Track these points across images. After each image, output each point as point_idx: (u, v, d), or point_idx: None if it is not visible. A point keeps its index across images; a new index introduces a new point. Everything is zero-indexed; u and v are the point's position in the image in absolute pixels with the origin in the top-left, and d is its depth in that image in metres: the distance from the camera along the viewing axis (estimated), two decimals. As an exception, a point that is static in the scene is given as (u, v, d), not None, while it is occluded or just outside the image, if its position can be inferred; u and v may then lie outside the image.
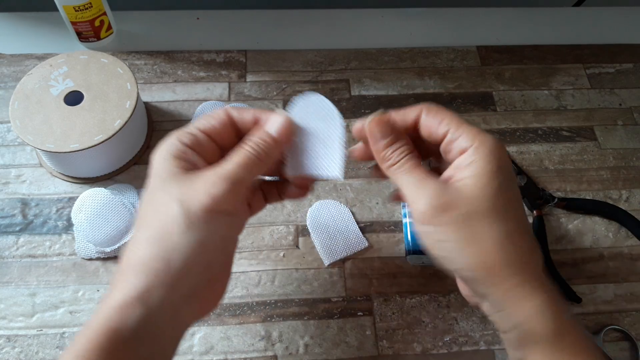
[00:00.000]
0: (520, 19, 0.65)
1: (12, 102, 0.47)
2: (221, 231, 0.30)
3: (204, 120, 0.34)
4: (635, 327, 0.45)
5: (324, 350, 0.43)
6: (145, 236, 0.30)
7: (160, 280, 0.28)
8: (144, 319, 0.28)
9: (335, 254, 0.47)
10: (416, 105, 0.34)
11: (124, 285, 0.28)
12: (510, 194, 0.31)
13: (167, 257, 0.28)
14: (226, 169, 0.31)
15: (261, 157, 0.32)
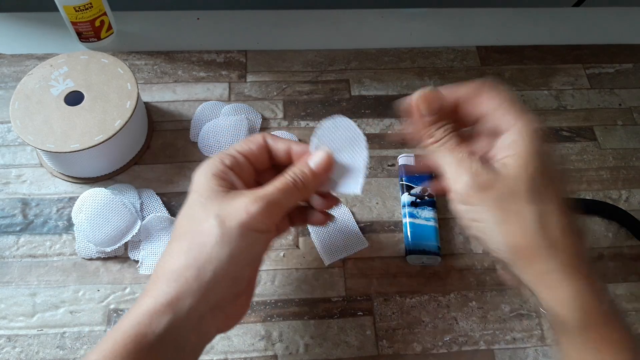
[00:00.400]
0: (520, 19, 0.65)
1: (13, 102, 0.47)
2: (252, 247, 0.32)
3: (244, 144, 0.36)
4: (635, 327, 0.46)
5: (324, 350, 0.43)
6: (180, 247, 0.31)
7: (191, 289, 0.30)
8: (171, 325, 0.29)
9: (335, 254, 0.47)
10: (468, 83, 0.33)
11: (155, 292, 0.30)
12: (551, 175, 0.30)
13: (199, 266, 0.30)
14: (266, 190, 0.33)
15: (299, 186, 0.34)
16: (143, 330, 0.29)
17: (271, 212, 0.32)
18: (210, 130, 0.52)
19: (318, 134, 0.36)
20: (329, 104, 0.56)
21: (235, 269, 0.31)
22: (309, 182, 0.34)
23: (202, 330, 0.31)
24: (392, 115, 0.56)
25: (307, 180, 0.34)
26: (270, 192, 0.33)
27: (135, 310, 0.30)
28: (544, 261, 0.29)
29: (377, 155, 0.53)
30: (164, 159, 0.52)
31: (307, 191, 0.35)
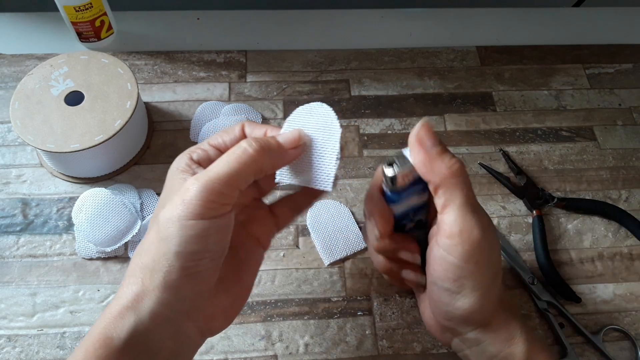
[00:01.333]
0: (519, 19, 0.65)
1: (13, 102, 0.47)
2: (203, 238, 0.28)
3: (218, 136, 0.34)
4: (635, 327, 0.46)
5: (324, 350, 0.43)
6: (141, 244, 0.31)
7: (147, 290, 0.29)
8: (136, 330, 0.28)
9: (335, 254, 0.47)
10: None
11: (120, 293, 0.29)
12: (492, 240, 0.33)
13: (151, 266, 0.29)
14: (210, 167, 0.29)
15: (254, 155, 0.30)
16: (109, 334, 0.28)
17: (214, 192, 0.28)
18: (210, 130, 0.52)
19: (290, 118, 0.34)
20: (329, 104, 0.56)
21: (186, 265, 0.28)
22: (272, 150, 0.31)
23: (180, 335, 0.30)
24: (392, 115, 0.56)
25: (269, 147, 0.31)
26: (213, 169, 0.29)
27: (103, 314, 0.29)
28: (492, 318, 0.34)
29: (377, 155, 0.53)
30: (164, 159, 0.52)
31: (267, 161, 0.31)
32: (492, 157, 0.54)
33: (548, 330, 0.45)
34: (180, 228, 0.28)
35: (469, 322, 0.34)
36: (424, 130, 0.32)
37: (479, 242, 0.31)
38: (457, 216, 0.31)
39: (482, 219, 0.32)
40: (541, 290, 0.46)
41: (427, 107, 0.57)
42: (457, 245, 0.31)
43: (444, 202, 0.32)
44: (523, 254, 0.49)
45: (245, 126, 0.34)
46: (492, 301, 0.34)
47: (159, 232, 0.29)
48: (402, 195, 0.34)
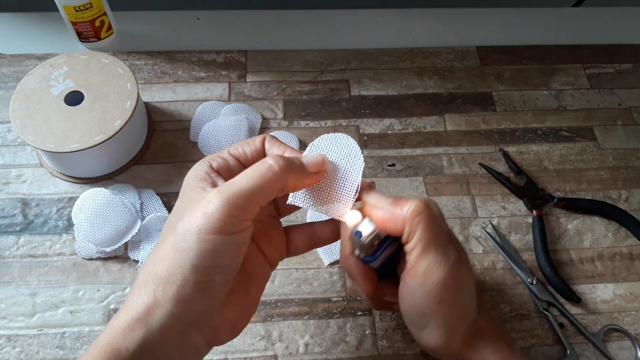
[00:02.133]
0: (519, 19, 0.65)
1: (13, 102, 0.47)
2: (219, 253, 0.28)
3: (239, 146, 0.34)
4: (635, 327, 0.46)
5: (323, 350, 0.43)
6: (155, 254, 0.30)
7: (159, 303, 0.28)
8: (146, 342, 0.28)
9: (335, 253, 0.47)
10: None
11: (129, 304, 0.29)
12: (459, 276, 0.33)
13: (165, 278, 0.28)
14: (232, 181, 0.29)
15: (276, 172, 0.29)
16: (117, 346, 0.27)
17: (236, 207, 0.28)
18: (210, 130, 0.52)
19: (314, 143, 0.34)
20: (329, 104, 0.56)
21: (201, 279, 0.28)
22: (296, 170, 0.31)
23: (187, 345, 0.30)
24: (392, 116, 0.56)
25: (294, 167, 0.30)
26: (236, 183, 0.28)
27: (111, 323, 0.29)
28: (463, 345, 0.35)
29: (377, 155, 0.53)
30: (164, 159, 0.52)
31: (290, 181, 0.30)
32: (492, 157, 0.54)
33: (548, 330, 0.45)
34: (199, 241, 0.27)
35: (438, 354, 0.35)
36: (370, 195, 0.33)
37: (442, 282, 0.31)
38: (420, 256, 0.31)
39: (450, 256, 0.32)
40: (541, 290, 0.46)
41: (427, 107, 0.57)
42: (420, 285, 0.32)
43: (410, 245, 0.32)
44: (523, 254, 0.49)
45: (265, 140, 0.34)
46: (460, 336, 0.34)
47: (175, 243, 0.28)
48: (376, 255, 0.34)
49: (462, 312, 0.34)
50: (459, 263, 0.33)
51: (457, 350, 0.34)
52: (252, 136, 0.53)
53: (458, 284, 0.33)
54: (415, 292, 0.32)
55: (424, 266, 0.31)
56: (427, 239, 0.31)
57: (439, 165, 0.53)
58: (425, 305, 0.32)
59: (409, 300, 0.33)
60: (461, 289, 0.33)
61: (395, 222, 0.32)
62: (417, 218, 0.31)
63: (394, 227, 0.32)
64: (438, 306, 0.32)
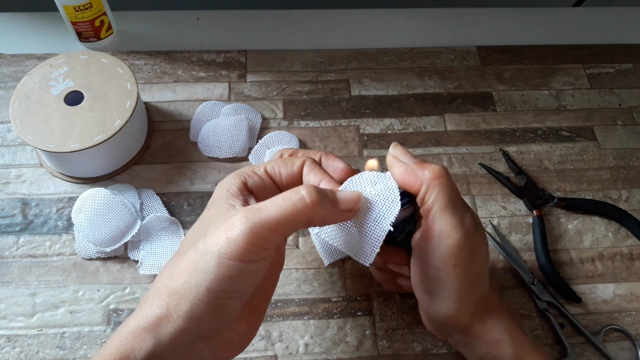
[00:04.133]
0: (520, 19, 0.65)
1: (13, 102, 0.47)
2: (236, 279, 0.28)
3: (277, 166, 0.33)
4: (635, 327, 0.46)
5: (323, 350, 0.43)
6: (174, 265, 0.30)
7: (171, 317, 0.28)
8: (154, 352, 0.28)
9: (335, 254, 0.47)
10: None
11: (141, 312, 0.29)
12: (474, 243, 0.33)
13: (180, 294, 0.28)
14: (261, 207, 0.28)
15: (308, 206, 0.28)
16: (126, 354, 0.27)
17: (261, 237, 0.27)
18: (210, 130, 0.52)
19: (354, 178, 0.33)
20: (329, 104, 0.56)
21: (215, 301, 0.28)
22: (328, 206, 0.30)
23: (194, 358, 0.30)
24: (392, 116, 0.56)
25: (326, 202, 0.29)
26: (264, 210, 0.28)
27: (121, 330, 0.29)
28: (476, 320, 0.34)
29: (377, 155, 0.53)
30: (164, 159, 0.52)
31: (320, 214, 0.29)
32: (492, 157, 0.54)
33: (548, 330, 0.45)
34: (218, 265, 0.27)
35: (449, 325, 0.34)
36: (397, 149, 0.34)
37: (457, 244, 0.31)
38: (437, 217, 0.31)
39: (466, 221, 0.32)
40: (541, 290, 0.46)
41: (427, 107, 0.57)
42: (435, 248, 0.31)
43: (427, 206, 0.32)
44: (523, 254, 0.49)
45: (305, 165, 0.33)
46: (471, 306, 0.34)
47: (195, 261, 0.28)
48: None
49: (476, 280, 0.33)
50: (474, 229, 0.32)
51: (467, 323, 0.34)
52: (252, 136, 0.53)
53: (473, 250, 0.32)
54: (429, 255, 0.32)
55: (439, 228, 0.31)
56: (444, 201, 0.31)
57: (439, 165, 0.53)
58: (439, 269, 0.32)
59: (423, 265, 0.32)
60: (476, 256, 0.33)
61: (415, 180, 0.32)
62: (437, 181, 0.32)
63: (411, 185, 0.32)
64: (452, 269, 0.31)
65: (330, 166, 0.36)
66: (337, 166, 0.36)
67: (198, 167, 0.51)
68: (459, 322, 0.34)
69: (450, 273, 0.32)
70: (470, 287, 0.33)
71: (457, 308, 0.33)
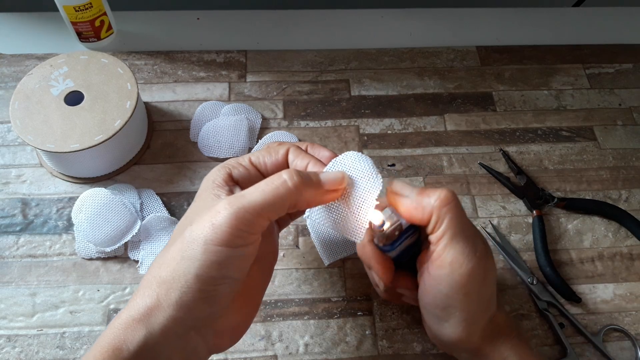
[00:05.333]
0: (520, 19, 0.65)
1: (13, 102, 0.47)
2: (224, 264, 0.28)
3: (262, 155, 0.33)
4: (635, 327, 0.46)
5: (324, 350, 0.43)
6: (162, 256, 0.30)
7: (161, 306, 0.28)
8: (146, 343, 0.28)
9: (335, 254, 0.47)
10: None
11: (132, 304, 0.29)
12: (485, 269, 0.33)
13: (169, 283, 0.28)
14: (245, 193, 0.29)
15: (290, 189, 0.29)
16: (119, 345, 0.27)
17: (245, 221, 0.28)
18: (210, 130, 0.52)
19: (338, 159, 0.33)
20: (329, 104, 0.56)
21: (205, 288, 0.28)
22: (312, 188, 0.30)
23: (187, 349, 0.30)
24: (392, 115, 0.56)
25: (309, 184, 0.30)
26: (247, 196, 0.28)
27: (114, 322, 0.29)
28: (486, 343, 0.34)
29: (377, 155, 0.53)
30: (164, 159, 0.52)
31: (304, 197, 0.30)
32: (492, 157, 0.54)
33: (548, 330, 0.45)
34: (204, 252, 0.27)
35: (458, 347, 0.35)
36: (396, 185, 0.33)
37: (469, 273, 0.31)
38: (449, 246, 0.31)
39: (477, 247, 0.32)
40: (541, 290, 0.46)
41: (427, 107, 0.57)
42: (447, 276, 0.31)
43: (438, 235, 0.31)
44: (523, 254, 0.49)
45: (289, 152, 0.33)
46: (481, 330, 0.34)
47: (182, 249, 0.28)
48: (395, 245, 0.34)
49: (485, 305, 0.34)
50: (485, 255, 0.32)
51: (477, 344, 0.34)
52: (252, 136, 0.53)
53: (484, 276, 0.32)
54: (440, 282, 0.32)
55: (451, 256, 0.31)
56: (455, 229, 0.31)
57: (439, 165, 0.53)
58: (450, 297, 0.31)
59: (432, 291, 0.32)
60: (486, 282, 0.33)
61: (422, 212, 0.32)
62: (446, 208, 0.31)
63: (419, 217, 0.32)
64: (464, 297, 0.31)
65: (316, 154, 0.36)
66: (324, 154, 0.35)
67: (198, 167, 0.51)
68: (468, 345, 0.34)
69: (462, 300, 0.32)
70: (481, 311, 0.33)
71: (467, 333, 0.33)
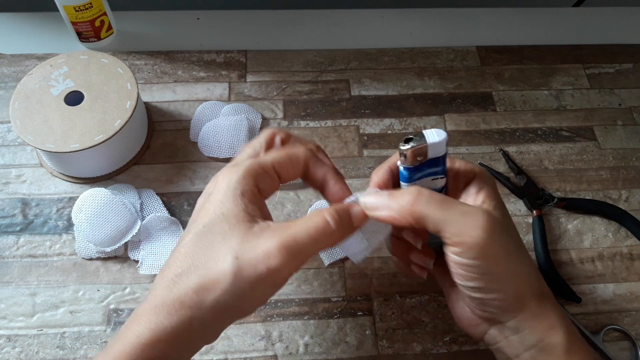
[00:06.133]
0: (520, 19, 0.65)
1: (13, 102, 0.47)
2: (261, 297, 0.30)
3: (284, 160, 0.33)
4: (635, 327, 0.46)
5: (324, 350, 0.43)
6: (191, 279, 0.29)
7: (190, 327, 0.28)
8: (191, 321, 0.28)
9: (335, 253, 0.47)
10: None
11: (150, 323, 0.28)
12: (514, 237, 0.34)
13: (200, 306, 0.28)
14: (295, 234, 0.29)
15: (333, 232, 0.30)
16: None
17: (295, 263, 0.29)
18: (210, 130, 0.52)
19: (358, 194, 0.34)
20: (329, 104, 0.56)
21: (233, 314, 0.30)
22: (344, 230, 0.31)
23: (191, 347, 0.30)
24: (392, 115, 0.56)
25: (343, 226, 0.31)
26: (300, 238, 0.29)
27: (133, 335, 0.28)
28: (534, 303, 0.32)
29: (377, 155, 0.53)
30: (164, 159, 0.52)
31: (336, 240, 0.31)
32: (492, 157, 0.54)
33: (548, 330, 0.45)
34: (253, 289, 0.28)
35: (506, 310, 0.32)
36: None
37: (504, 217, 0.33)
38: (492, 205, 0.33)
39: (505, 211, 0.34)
40: (541, 290, 0.46)
41: (427, 107, 0.57)
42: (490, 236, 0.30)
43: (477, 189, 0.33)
44: (523, 254, 0.49)
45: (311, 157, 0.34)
46: (527, 287, 0.32)
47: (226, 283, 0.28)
48: (414, 174, 0.33)
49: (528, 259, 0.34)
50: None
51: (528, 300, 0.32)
52: (252, 136, 0.53)
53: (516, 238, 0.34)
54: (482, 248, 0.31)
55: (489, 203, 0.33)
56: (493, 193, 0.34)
57: (439, 165, 0.53)
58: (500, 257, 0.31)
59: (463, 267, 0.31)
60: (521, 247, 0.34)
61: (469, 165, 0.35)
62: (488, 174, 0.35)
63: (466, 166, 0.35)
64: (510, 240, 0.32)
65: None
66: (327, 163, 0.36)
67: (198, 167, 0.51)
68: (519, 305, 0.32)
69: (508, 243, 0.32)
70: (532, 265, 0.34)
71: (525, 284, 0.32)
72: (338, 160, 0.53)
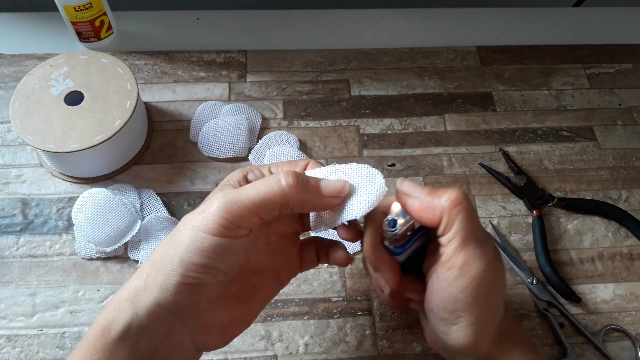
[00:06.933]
0: (520, 19, 0.65)
1: (13, 102, 0.47)
2: (208, 252, 0.29)
3: (282, 163, 0.34)
4: (635, 327, 0.46)
5: (323, 350, 0.43)
6: (160, 241, 0.31)
7: (148, 287, 0.29)
8: (131, 324, 0.29)
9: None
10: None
11: (125, 285, 0.30)
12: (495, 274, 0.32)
13: (158, 265, 0.29)
14: (241, 188, 0.30)
15: (283, 190, 0.29)
16: (107, 325, 0.29)
17: (233, 213, 0.28)
18: (210, 130, 0.52)
19: (341, 167, 0.33)
20: (329, 104, 0.56)
21: (187, 274, 0.28)
22: (307, 190, 0.30)
23: (173, 339, 0.30)
24: (392, 116, 0.56)
25: (304, 186, 0.30)
26: (242, 190, 0.29)
27: (108, 303, 0.30)
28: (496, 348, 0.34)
29: (377, 155, 0.53)
30: (164, 159, 0.52)
31: (297, 199, 0.30)
32: (492, 157, 0.54)
33: (548, 330, 0.45)
34: (191, 237, 0.28)
35: (465, 354, 0.34)
36: (405, 185, 0.32)
37: (480, 276, 0.30)
38: (460, 249, 0.30)
39: (487, 251, 0.31)
40: (541, 290, 0.46)
41: (427, 107, 0.57)
42: (457, 278, 0.31)
43: (448, 237, 0.31)
44: (523, 254, 0.49)
45: (309, 165, 0.34)
46: (489, 335, 0.33)
47: (173, 234, 0.30)
48: (405, 247, 0.33)
49: (494, 309, 0.33)
50: (495, 258, 0.32)
51: (485, 350, 0.33)
52: (252, 136, 0.53)
53: (494, 280, 0.32)
54: (449, 285, 0.31)
55: (462, 259, 0.30)
56: (466, 231, 0.30)
57: (439, 165, 0.53)
58: (460, 300, 0.31)
59: (442, 295, 0.32)
60: (496, 286, 0.32)
61: (433, 213, 0.31)
62: (457, 209, 0.30)
63: (430, 218, 0.31)
64: (474, 301, 0.31)
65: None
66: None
67: (198, 167, 0.52)
68: (477, 351, 0.33)
69: (471, 304, 0.31)
70: (490, 316, 0.33)
71: (475, 338, 0.32)
72: (338, 160, 0.53)
